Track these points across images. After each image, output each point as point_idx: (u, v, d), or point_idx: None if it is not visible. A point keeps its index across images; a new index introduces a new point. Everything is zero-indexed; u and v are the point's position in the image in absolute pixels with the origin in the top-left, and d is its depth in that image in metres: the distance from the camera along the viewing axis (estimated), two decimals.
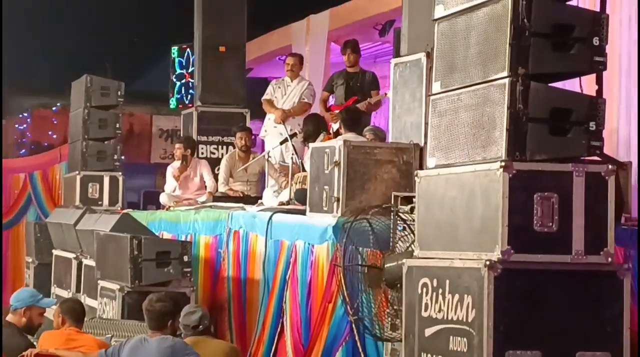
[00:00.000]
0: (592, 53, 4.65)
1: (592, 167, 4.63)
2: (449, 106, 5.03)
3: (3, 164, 18.33)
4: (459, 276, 4.68)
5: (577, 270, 4.58)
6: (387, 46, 14.37)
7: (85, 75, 11.72)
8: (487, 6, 4.77)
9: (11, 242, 17.29)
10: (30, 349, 6.42)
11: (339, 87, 10.69)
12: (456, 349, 4.66)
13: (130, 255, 7.87)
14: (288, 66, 11.47)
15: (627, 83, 10.17)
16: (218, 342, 6.87)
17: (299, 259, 7.42)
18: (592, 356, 4.56)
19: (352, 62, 10.84)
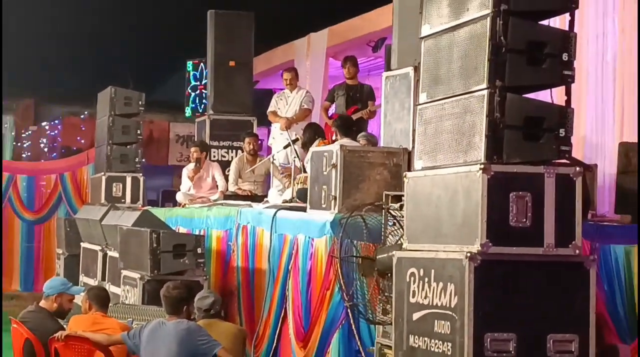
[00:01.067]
0: (562, 67, 4.65)
1: (562, 170, 4.63)
2: (434, 115, 5.03)
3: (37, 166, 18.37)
4: (443, 266, 4.68)
5: (548, 261, 4.58)
6: (380, 61, 14.35)
7: (110, 86, 11.73)
8: (468, 25, 4.77)
9: (44, 236, 17.26)
10: (61, 332, 6.42)
11: (340, 98, 10.70)
12: (440, 331, 4.66)
13: (149, 247, 7.87)
14: (286, 81, 11.50)
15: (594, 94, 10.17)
16: (227, 324, 6.87)
17: (300, 251, 7.41)
18: (561, 337, 4.56)
19: (352, 75, 10.85)
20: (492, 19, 4.59)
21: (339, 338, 6.83)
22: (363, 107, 10.38)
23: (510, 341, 4.50)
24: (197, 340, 5.85)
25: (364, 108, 10.36)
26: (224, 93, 12.25)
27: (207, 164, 11.38)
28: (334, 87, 11.28)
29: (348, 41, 15.38)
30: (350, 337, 6.74)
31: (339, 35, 15.76)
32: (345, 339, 6.78)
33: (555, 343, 4.54)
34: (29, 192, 17.61)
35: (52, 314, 6.90)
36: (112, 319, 6.73)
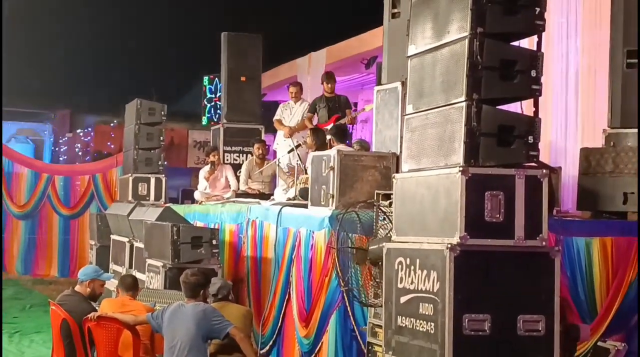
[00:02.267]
0: (531, 82, 4.64)
1: (530, 172, 4.62)
2: (419, 124, 5.02)
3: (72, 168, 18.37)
4: (426, 256, 4.68)
5: (518, 251, 4.58)
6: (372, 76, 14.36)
7: (136, 99, 11.73)
8: (449, 46, 4.77)
9: (78, 229, 17.28)
10: (93, 313, 6.43)
11: (322, 109, 10.69)
12: (425, 313, 4.65)
13: (171, 239, 7.87)
14: (292, 93, 11.53)
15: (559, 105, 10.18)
16: (237, 306, 6.87)
17: (302, 242, 7.41)
18: (530, 318, 4.55)
19: (330, 90, 10.85)
20: (470, 40, 4.59)
21: (336, 319, 6.83)
22: (342, 115, 10.40)
23: (485, 321, 4.50)
24: (212, 320, 5.85)
25: (343, 116, 10.38)
26: (236, 104, 12.25)
27: (220, 167, 11.39)
28: (314, 100, 11.25)
29: (344, 59, 15.39)
30: (346, 317, 6.74)
31: (336, 54, 15.78)
32: (342, 319, 6.78)
33: (524, 323, 4.54)
34: (65, 191, 17.63)
35: (86, 298, 6.90)
36: (139, 302, 6.74)
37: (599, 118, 9.05)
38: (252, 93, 12.39)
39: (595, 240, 7.12)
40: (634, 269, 7.11)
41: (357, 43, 14.99)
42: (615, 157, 7.54)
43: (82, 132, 20.98)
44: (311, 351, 7.12)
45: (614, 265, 7.11)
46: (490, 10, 4.61)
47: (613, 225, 7.30)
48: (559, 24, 10.14)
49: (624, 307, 7.02)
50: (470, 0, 4.60)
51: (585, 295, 7.04)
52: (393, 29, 7.82)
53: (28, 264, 17.22)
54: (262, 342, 7.88)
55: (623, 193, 7.41)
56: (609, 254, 7.12)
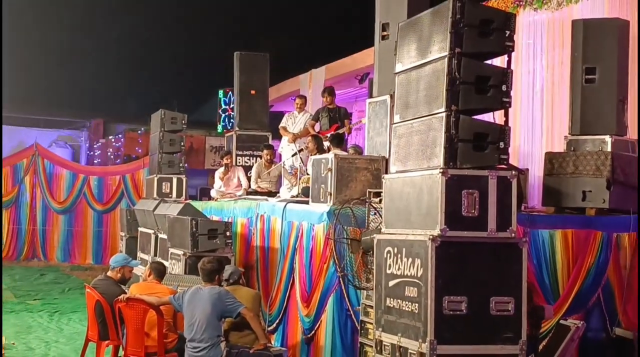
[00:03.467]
0: (502, 96, 4.64)
1: (501, 173, 4.62)
2: (405, 131, 5.02)
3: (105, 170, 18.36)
4: (411, 246, 4.68)
5: (491, 242, 4.58)
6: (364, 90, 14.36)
7: (160, 109, 11.72)
8: (431, 64, 4.77)
9: (110, 222, 17.29)
10: (123, 295, 6.43)
11: (324, 118, 10.68)
12: (410, 295, 4.65)
13: (190, 231, 7.86)
14: (297, 104, 11.52)
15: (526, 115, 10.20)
16: (247, 289, 6.87)
17: (304, 234, 7.40)
18: (501, 299, 4.55)
19: (330, 102, 10.82)
20: (449, 59, 4.59)
21: (333, 300, 6.82)
22: (342, 125, 10.40)
23: (462, 302, 4.50)
24: (226, 302, 5.86)
25: (342, 126, 10.39)
26: (247, 114, 12.25)
27: (233, 168, 11.38)
28: (318, 110, 11.25)
29: (340, 75, 15.40)
30: (342, 299, 6.73)
31: (334, 70, 15.79)
32: (338, 300, 6.77)
33: (496, 304, 4.53)
34: (99, 189, 17.63)
35: (117, 282, 6.90)
36: (164, 285, 6.74)
37: (560, 126, 9.07)
38: (260, 105, 12.39)
39: (557, 232, 7.12)
40: (591, 257, 7.11)
41: (352, 61, 15.01)
42: (575, 160, 7.54)
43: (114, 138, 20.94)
44: (311, 328, 7.12)
45: (574, 254, 7.10)
46: (467, 33, 4.62)
47: (573, 219, 7.30)
48: (526, 44, 10.16)
49: (582, 290, 7.02)
50: (449, 24, 4.61)
51: (549, 280, 7.05)
52: (383, 49, 7.82)
53: (66, 252, 17.22)
54: (269, 321, 7.87)
55: (582, 191, 7.41)
56: (570, 244, 7.12)
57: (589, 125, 7.76)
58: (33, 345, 8.09)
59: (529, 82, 10.17)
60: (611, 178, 7.25)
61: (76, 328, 9.03)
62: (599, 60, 7.75)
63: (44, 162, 17.40)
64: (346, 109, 10.84)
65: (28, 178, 17.25)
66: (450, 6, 4.59)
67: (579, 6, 9.35)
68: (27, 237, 17.06)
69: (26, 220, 17.11)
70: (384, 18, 7.84)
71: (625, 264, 7.24)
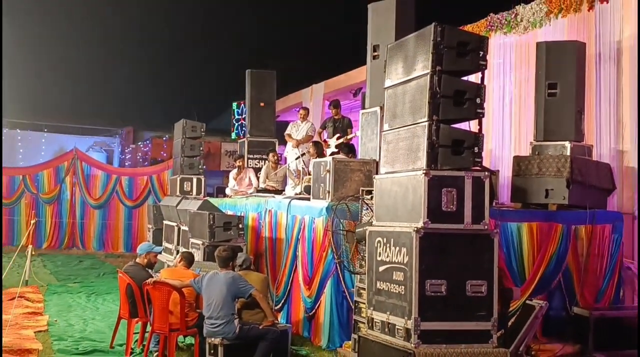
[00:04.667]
0: (476, 107, 4.66)
1: (476, 173, 4.63)
2: (393, 138, 5.03)
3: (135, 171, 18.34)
4: (398, 236, 4.68)
5: (467, 233, 4.59)
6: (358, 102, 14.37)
7: (182, 119, 11.70)
8: (415, 80, 4.78)
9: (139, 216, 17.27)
10: (151, 279, 6.42)
11: (329, 127, 10.68)
12: (397, 279, 4.66)
13: (208, 223, 7.85)
14: (301, 115, 11.51)
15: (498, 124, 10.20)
16: (257, 274, 6.86)
17: (306, 226, 7.40)
18: (475, 282, 4.56)
19: (335, 113, 10.82)
20: (431, 76, 4.60)
21: (331, 283, 6.82)
22: (344, 134, 10.40)
23: (442, 285, 4.51)
24: (239, 284, 5.85)
25: (344, 135, 10.39)
26: (257, 123, 12.23)
27: (245, 170, 11.38)
28: (325, 120, 11.28)
29: (337, 89, 15.42)
30: (338, 282, 6.73)
31: (332, 85, 15.80)
32: (336, 283, 6.77)
33: (471, 286, 4.55)
34: (129, 188, 17.60)
35: (144, 267, 6.89)
36: (190, 270, 6.71)
37: (526, 133, 9.07)
38: (268, 115, 12.38)
39: (524, 225, 7.13)
40: (553, 246, 7.13)
41: (347, 78, 15.02)
42: (539, 163, 7.54)
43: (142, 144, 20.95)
44: (312, 307, 7.12)
45: (538, 243, 7.12)
46: (446, 54, 4.63)
47: (537, 213, 7.30)
48: (497, 63, 10.16)
49: (545, 274, 7.04)
50: (431, 46, 4.62)
51: (516, 265, 7.05)
52: (374, 67, 7.82)
53: (101, 242, 17.19)
54: (276, 301, 7.87)
55: (545, 189, 7.42)
56: (535, 235, 7.13)
57: (551, 133, 7.77)
58: (73, 322, 8.08)
59: (500, 96, 10.18)
60: (570, 178, 7.26)
61: (110, 307, 9.02)
62: (560, 76, 7.77)
63: (82, 165, 17.40)
64: (350, 119, 10.82)
65: (68, 178, 17.26)
66: (432, 30, 4.61)
67: (542, 30, 9.36)
68: (68, 229, 17.08)
69: (67, 214, 17.12)
70: (375, 40, 7.86)
71: (582, 252, 7.26)
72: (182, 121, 11.67)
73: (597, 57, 8.47)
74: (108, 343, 6.84)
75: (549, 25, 9.26)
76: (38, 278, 10.99)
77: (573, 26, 8.86)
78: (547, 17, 9.29)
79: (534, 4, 9.51)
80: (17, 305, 8.62)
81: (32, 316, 8.29)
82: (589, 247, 7.27)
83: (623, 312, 6.99)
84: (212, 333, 5.74)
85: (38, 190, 17.03)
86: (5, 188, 16.94)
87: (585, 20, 8.69)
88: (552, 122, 7.75)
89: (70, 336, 7.25)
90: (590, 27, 8.59)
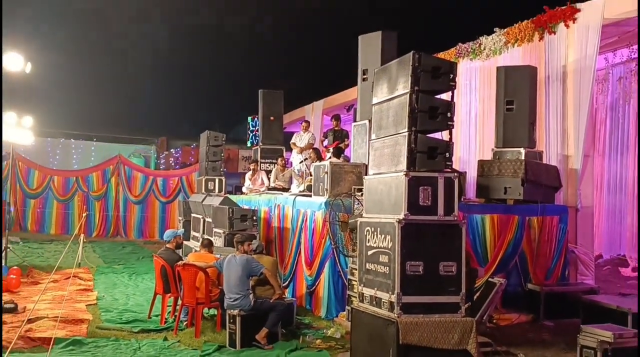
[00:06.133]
0: (447, 120, 4.64)
1: (447, 174, 4.62)
2: (379, 145, 5.03)
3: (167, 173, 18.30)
4: (384, 226, 4.68)
5: (440, 223, 4.57)
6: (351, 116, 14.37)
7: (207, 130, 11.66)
8: (397, 98, 4.77)
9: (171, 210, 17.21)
10: (181, 261, 6.42)
11: (330, 136, 10.64)
12: (383, 261, 4.65)
13: (228, 216, 7.85)
14: (303, 127, 11.50)
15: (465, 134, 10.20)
16: (267, 257, 6.86)
17: (308, 218, 7.41)
18: (447, 264, 4.53)
19: (336, 125, 10.81)
20: (410, 94, 4.59)
21: (329, 264, 6.83)
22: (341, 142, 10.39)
23: (420, 265, 4.50)
24: (252, 265, 5.85)
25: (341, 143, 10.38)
26: (268, 134, 12.21)
27: (258, 172, 11.36)
28: (327, 131, 11.24)
29: (334, 106, 15.40)
30: (335, 264, 6.74)
31: (329, 102, 15.78)
32: (332, 265, 6.78)
33: (443, 267, 4.53)
34: (163, 187, 17.58)
35: (174, 250, 6.86)
36: (211, 254, 6.72)
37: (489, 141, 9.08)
38: (277, 127, 12.36)
39: (487, 216, 7.14)
40: (510, 234, 7.13)
41: (342, 96, 15.02)
42: (499, 166, 7.54)
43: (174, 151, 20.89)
44: (313, 284, 7.12)
45: (498, 231, 7.12)
46: (423, 76, 4.62)
47: (498, 207, 7.31)
48: (464, 84, 10.16)
49: (504, 257, 7.05)
50: (410, 70, 4.61)
51: (481, 250, 7.06)
52: (363, 88, 7.83)
53: (140, 231, 17.17)
54: (283, 279, 7.87)
55: (504, 187, 7.43)
56: (495, 224, 7.14)
57: (509, 141, 7.78)
58: (117, 297, 8.08)
59: (467, 111, 10.18)
60: (524, 178, 7.27)
61: (147, 285, 9.02)
62: (516, 95, 7.78)
63: (124, 168, 17.38)
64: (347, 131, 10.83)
65: (113, 179, 17.25)
66: (411, 57, 4.61)
67: (502, 57, 9.36)
68: (113, 221, 17.07)
69: (112, 208, 17.12)
70: (364, 65, 7.87)
71: (534, 239, 7.27)
72: (206, 132, 11.66)
73: (546, 79, 8.47)
74: (146, 314, 6.83)
75: (507, 53, 9.27)
76: (89, 261, 10.99)
77: (527, 53, 8.87)
78: (505, 46, 9.30)
79: (494, 35, 9.52)
80: (71, 283, 8.62)
81: (84, 292, 8.29)
82: (540, 235, 7.28)
83: (568, 288, 7.01)
84: (231, 306, 5.73)
85: (88, 189, 17.04)
86: (61, 187, 16.98)
87: (537, 48, 8.69)
88: (510, 132, 7.77)
89: (115, 308, 7.25)
90: (541, 54, 8.60)
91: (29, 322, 6.03)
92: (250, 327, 5.58)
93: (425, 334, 4.38)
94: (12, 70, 7.60)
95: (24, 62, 7.70)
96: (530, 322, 6.59)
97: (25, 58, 7.70)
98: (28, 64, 7.81)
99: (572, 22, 8.10)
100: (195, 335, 5.91)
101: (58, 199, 16.88)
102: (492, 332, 5.80)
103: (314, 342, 5.73)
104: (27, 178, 16.85)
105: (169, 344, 5.62)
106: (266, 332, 5.59)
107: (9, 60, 7.45)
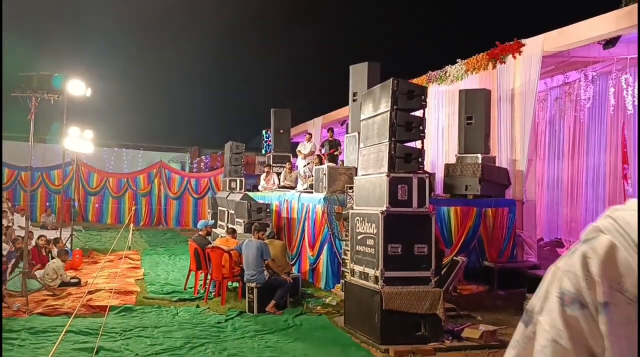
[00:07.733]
0: (420, 132, 4.65)
1: (420, 175, 4.63)
2: (366, 152, 5.03)
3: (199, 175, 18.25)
4: (370, 216, 4.68)
5: (414, 214, 4.58)
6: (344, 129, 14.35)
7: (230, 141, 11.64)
8: (380, 115, 4.77)
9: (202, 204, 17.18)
10: (210, 245, 6.41)
11: (326, 145, 10.66)
12: (369, 244, 4.66)
13: (247, 208, 7.83)
14: (307, 138, 11.49)
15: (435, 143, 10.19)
16: (278, 241, 6.85)
17: (310, 210, 7.40)
18: (420, 246, 4.55)
19: (330, 136, 10.80)
20: (390, 112, 4.60)
21: (327, 247, 6.82)
22: (336, 150, 10.38)
23: (399, 247, 4.51)
24: (264, 250, 5.83)
25: (336, 151, 10.36)
26: (278, 144, 12.21)
27: (271, 174, 11.35)
28: (324, 141, 11.27)
29: (331, 121, 15.36)
30: (331, 246, 6.74)
31: (327, 118, 15.74)
32: (330, 247, 6.77)
33: (417, 248, 4.54)
34: (196, 186, 17.53)
35: (205, 236, 6.88)
36: (235, 240, 6.70)
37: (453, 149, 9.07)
38: (286, 138, 12.36)
39: (452, 208, 7.12)
40: (470, 222, 7.12)
41: (337, 113, 14.99)
42: (461, 168, 7.53)
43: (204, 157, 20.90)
44: (315, 262, 7.11)
45: (460, 220, 7.11)
46: (400, 98, 4.62)
47: (460, 201, 7.29)
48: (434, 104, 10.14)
49: (466, 240, 7.03)
50: (390, 93, 4.61)
51: (447, 234, 7.05)
52: (354, 107, 7.82)
53: (178, 221, 17.13)
54: (291, 258, 7.87)
55: (465, 185, 7.42)
56: (458, 215, 7.12)
57: (469, 148, 7.77)
58: (159, 273, 8.08)
59: (436, 125, 10.17)
60: (481, 178, 7.26)
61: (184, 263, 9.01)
62: (474, 112, 7.77)
63: (165, 171, 17.36)
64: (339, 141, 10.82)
65: (156, 180, 17.23)
66: (391, 83, 4.62)
67: (463, 82, 9.35)
68: (156, 213, 17.04)
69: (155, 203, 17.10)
70: (354, 89, 7.86)
71: (489, 225, 7.26)
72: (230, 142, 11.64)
73: (498, 99, 8.47)
74: (182, 287, 6.85)
75: (467, 79, 9.26)
76: (137, 245, 10.98)
77: (483, 79, 8.87)
78: (465, 73, 9.30)
79: (457, 65, 9.52)
80: (123, 262, 8.62)
81: (133, 269, 8.28)
82: (494, 222, 7.28)
83: (516, 264, 7.01)
84: (249, 280, 5.73)
85: (137, 187, 17.04)
86: (115, 186, 16.99)
87: (491, 75, 8.69)
88: (469, 141, 7.76)
89: (158, 282, 7.26)
90: (494, 79, 8.60)
91: (89, 294, 6.05)
92: (265, 296, 5.60)
93: (403, 301, 4.40)
94: (76, 94, 7.63)
95: (85, 87, 7.73)
96: (486, 292, 6.60)
97: (85, 84, 7.73)
98: (88, 89, 7.85)
99: (518, 54, 8.11)
100: (221, 303, 5.92)
101: (112, 196, 16.90)
102: (456, 300, 5.81)
103: (315, 308, 5.74)
104: (88, 179, 16.87)
105: (201, 310, 5.64)
106: (274, 304, 5.61)
107: (73, 86, 7.47)
